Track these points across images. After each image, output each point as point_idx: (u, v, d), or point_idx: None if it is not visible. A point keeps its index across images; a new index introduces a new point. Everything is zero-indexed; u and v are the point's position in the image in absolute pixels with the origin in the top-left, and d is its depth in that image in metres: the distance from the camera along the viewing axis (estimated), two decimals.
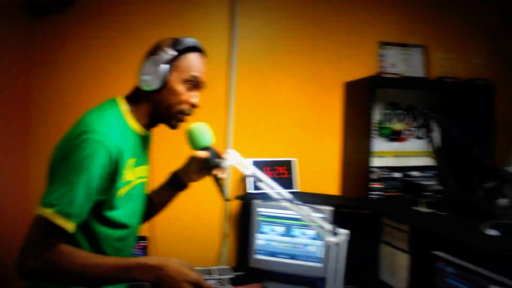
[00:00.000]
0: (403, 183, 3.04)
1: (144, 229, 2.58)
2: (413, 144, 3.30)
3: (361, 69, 3.14)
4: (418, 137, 3.30)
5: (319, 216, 1.66)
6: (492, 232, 1.82)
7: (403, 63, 3.25)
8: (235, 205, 2.93)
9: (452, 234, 1.84)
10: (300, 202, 1.66)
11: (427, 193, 2.57)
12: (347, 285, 2.43)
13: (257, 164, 2.87)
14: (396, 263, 2.29)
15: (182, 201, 1.88)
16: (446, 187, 2.92)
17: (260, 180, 1.63)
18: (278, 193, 1.63)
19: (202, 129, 1.62)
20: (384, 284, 2.40)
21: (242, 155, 1.65)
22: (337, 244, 1.63)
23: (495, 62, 3.49)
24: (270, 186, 1.64)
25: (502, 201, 2.08)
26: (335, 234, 1.64)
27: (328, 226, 1.61)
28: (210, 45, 2.89)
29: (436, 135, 3.18)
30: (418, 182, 2.87)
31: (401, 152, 3.27)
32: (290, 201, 1.63)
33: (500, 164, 2.81)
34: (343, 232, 1.65)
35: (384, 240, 2.41)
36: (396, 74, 3.09)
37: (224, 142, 2.91)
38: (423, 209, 2.41)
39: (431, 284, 1.79)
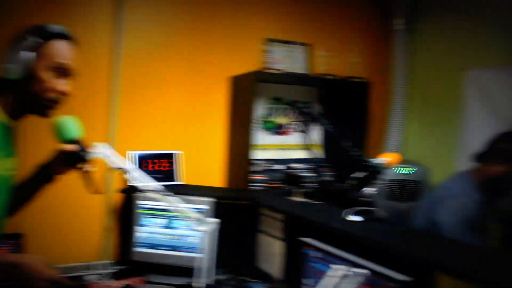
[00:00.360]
0: (285, 174, 3.16)
1: (21, 226, 2.47)
2: (296, 138, 3.44)
3: (247, 64, 3.21)
4: (300, 131, 3.45)
5: (193, 206, 1.69)
6: (355, 218, 1.95)
7: (288, 60, 3.37)
8: (117, 198, 2.87)
9: (318, 221, 1.95)
10: (170, 193, 1.67)
11: (306, 184, 2.70)
12: (226, 274, 2.49)
13: (141, 157, 2.84)
14: (272, 250, 2.38)
15: (60, 196, 1.83)
16: (321, 178, 3.09)
17: (130, 173, 1.62)
18: (152, 186, 1.63)
19: (69, 122, 1.58)
20: (261, 271, 2.48)
21: (127, 148, 1.64)
22: (206, 232, 1.66)
23: (370, 62, 3.75)
24: (141, 179, 1.63)
25: (368, 190, 2.22)
26: (205, 223, 1.67)
27: (198, 216, 1.64)
28: (92, 34, 2.82)
29: (317, 128, 3.34)
30: (298, 174, 2.99)
31: (284, 145, 3.40)
32: (160, 192, 1.63)
33: (371, 156, 3.03)
34: (212, 221, 1.68)
35: (262, 229, 2.49)
36: (279, 70, 3.20)
37: (107, 134, 2.84)
38: (299, 199, 2.52)
39: (299, 268, 1.88)
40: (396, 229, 1.90)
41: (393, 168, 3.29)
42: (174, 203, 1.64)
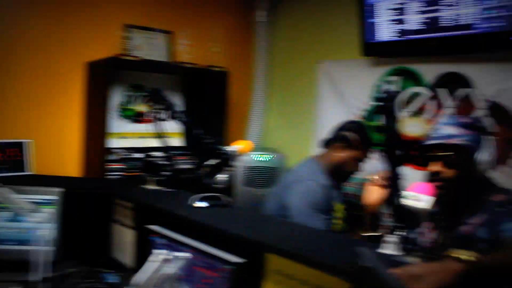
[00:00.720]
0: (143, 163, 3.13)
1: None
2: (156, 126, 3.41)
3: (104, 50, 3.11)
4: (158, 119, 3.43)
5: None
6: (201, 204, 2.00)
7: (148, 47, 3.33)
8: None
9: (164, 208, 1.97)
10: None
11: (163, 172, 2.70)
12: (79, 266, 2.42)
13: None
14: (125, 239, 2.35)
15: None
16: (179, 166, 3.13)
17: None
18: None
19: None
20: (116, 261, 2.45)
21: None
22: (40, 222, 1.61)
23: (232, 52, 3.84)
24: None
25: (220, 177, 2.28)
26: (41, 213, 1.61)
27: (29, 206, 1.58)
28: None
29: (176, 117, 3.35)
30: (156, 162, 2.99)
31: (144, 134, 3.36)
32: None
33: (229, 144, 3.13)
34: (47, 211, 1.63)
35: (115, 219, 2.45)
36: (137, 57, 3.15)
37: None
38: (152, 187, 2.52)
39: (147, 256, 1.88)
40: (239, 214, 1.98)
41: (251, 156, 3.42)
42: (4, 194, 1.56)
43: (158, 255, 1.41)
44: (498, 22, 2.49)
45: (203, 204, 2.00)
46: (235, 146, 2.36)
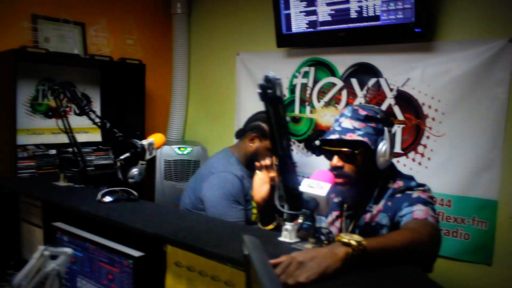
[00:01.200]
0: (58, 159, 3.02)
1: None
2: (72, 121, 3.30)
3: (10, 42, 2.95)
4: (76, 114, 3.32)
5: None
6: (106, 199, 1.96)
7: (58, 39, 3.20)
8: None
9: (69, 204, 1.91)
10: None
11: (75, 169, 2.61)
12: None
13: None
14: (33, 239, 2.27)
15: None
16: (96, 161, 3.04)
17: None
18: None
19: None
20: (26, 262, 2.35)
21: None
22: None
23: (150, 44, 3.77)
24: None
25: (133, 171, 2.24)
26: None
27: None
28: None
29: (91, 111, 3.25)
30: (69, 158, 2.89)
31: (58, 129, 3.22)
32: None
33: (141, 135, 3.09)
34: None
35: (23, 218, 2.36)
36: (45, 49, 3.01)
37: None
38: (63, 184, 2.44)
39: None
40: (143, 208, 1.95)
41: (171, 149, 3.39)
42: None
43: (41, 252, 1.37)
44: (403, 14, 2.59)
45: (109, 198, 1.96)
46: (148, 140, 2.33)
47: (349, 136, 1.68)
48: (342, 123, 1.75)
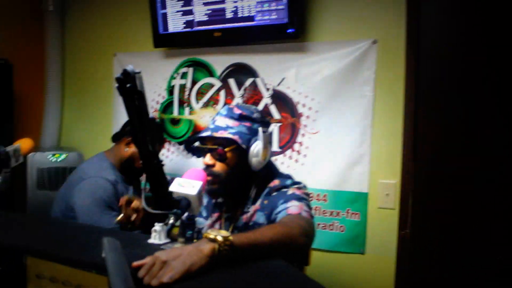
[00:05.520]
0: None
1: None
2: None
3: None
4: None
5: None
6: None
7: None
8: None
9: None
10: None
11: None
12: None
13: None
14: None
15: None
16: None
17: None
18: None
19: None
20: None
21: None
22: None
23: (13, 43, 3.48)
24: None
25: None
26: None
27: None
28: None
29: None
30: None
31: None
32: None
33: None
34: None
35: None
36: None
37: None
38: None
39: None
40: (2, 218, 1.80)
41: (44, 156, 3.17)
42: None
43: None
44: (277, 15, 2.65)
45: None
46: (14, 146, 2.17)
47: (219, 134, 1.67)
48: (216, 121, 1.74)
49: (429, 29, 2.48)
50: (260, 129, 1.70)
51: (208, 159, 1.70)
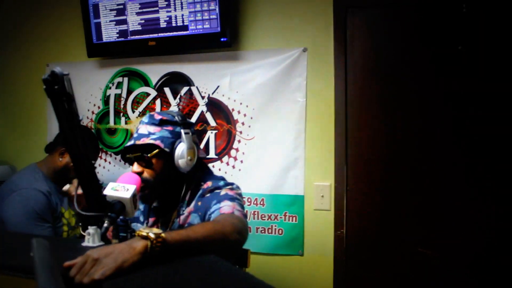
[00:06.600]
0: None
1: None
2: None
3: None
4: None
5: None
6: None
7: None
8: None
9: None
10: None
11: None
12: None
13: None
14: None
15: None
16: None
17: None
18: None
19: None
20: None
21: None
22: None
23: None
24: None
25: None
26: None
27: None
28: None
29: None
30: None
31: None
32: None
33: None
34: None
35: None
36: None
37: None
38: None
39: None
40: None
41: None
42: None
43: None
44: (210, 24, 2.70)
45: None
46: None
47: (142, 141, 1.71)
48: (139, 130, 1.78)
49: (355, 38, 2.60)
50: (182, 131, 1.75)
51: (136, 167, 1.75)
